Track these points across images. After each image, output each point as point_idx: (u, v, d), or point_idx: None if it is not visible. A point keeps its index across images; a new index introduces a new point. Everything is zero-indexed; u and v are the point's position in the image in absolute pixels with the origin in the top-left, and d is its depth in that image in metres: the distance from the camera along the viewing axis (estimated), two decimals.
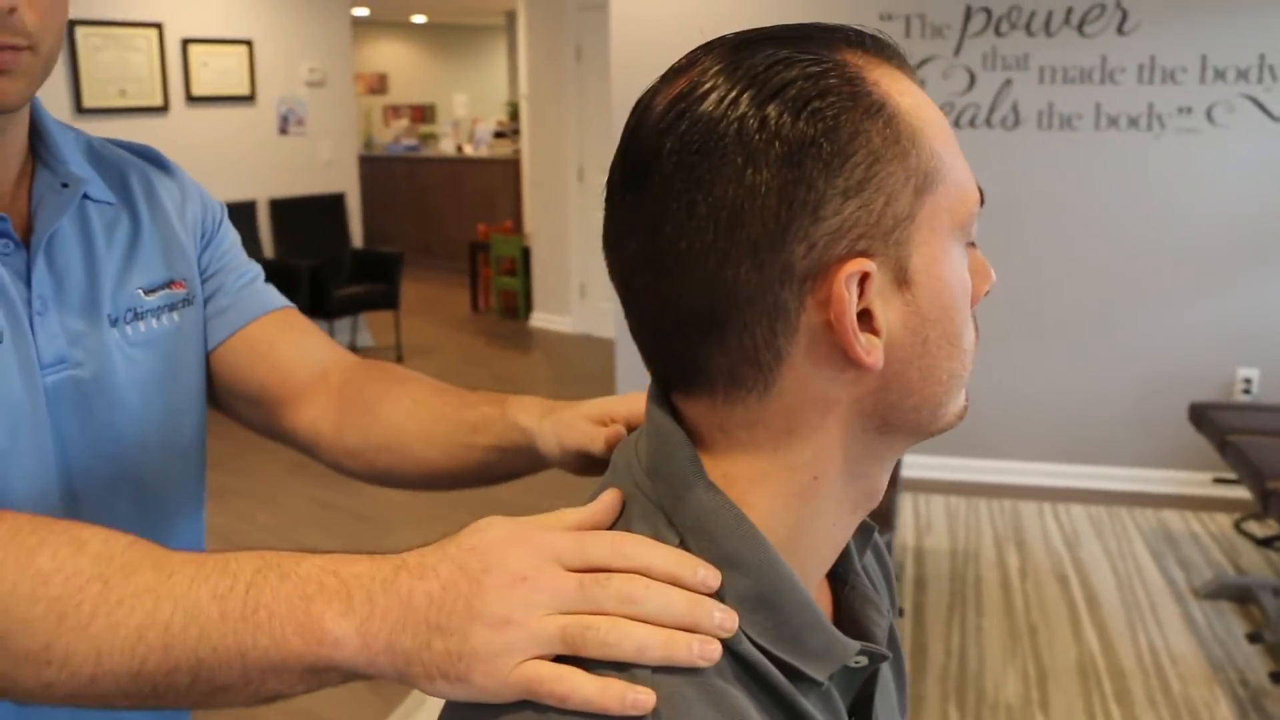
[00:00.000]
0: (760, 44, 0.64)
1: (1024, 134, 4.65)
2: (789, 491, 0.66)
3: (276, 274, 6.50)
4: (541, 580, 0.61)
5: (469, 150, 11.72)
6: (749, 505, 0.66)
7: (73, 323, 1.00)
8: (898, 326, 0.63)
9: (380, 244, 8.27)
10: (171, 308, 1.10)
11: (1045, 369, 4.81)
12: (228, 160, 6.97)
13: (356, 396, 1.11)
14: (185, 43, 6.73)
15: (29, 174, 1.02)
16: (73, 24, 6.21)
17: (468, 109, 14.32)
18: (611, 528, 0.67)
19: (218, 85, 6.90)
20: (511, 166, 10.30)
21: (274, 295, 1.19)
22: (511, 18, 11.39)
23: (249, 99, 7.06)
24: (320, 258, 7.06)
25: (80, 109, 6.33)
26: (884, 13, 4.64)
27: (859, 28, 0.66)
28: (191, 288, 1.13)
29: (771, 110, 0.60)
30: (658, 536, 0.65)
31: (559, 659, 0.60)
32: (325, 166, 7.48)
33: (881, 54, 0.66)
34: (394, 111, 14.64)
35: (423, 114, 14.91)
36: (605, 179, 0.69)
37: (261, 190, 7.17)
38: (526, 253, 8.65)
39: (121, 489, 1.05)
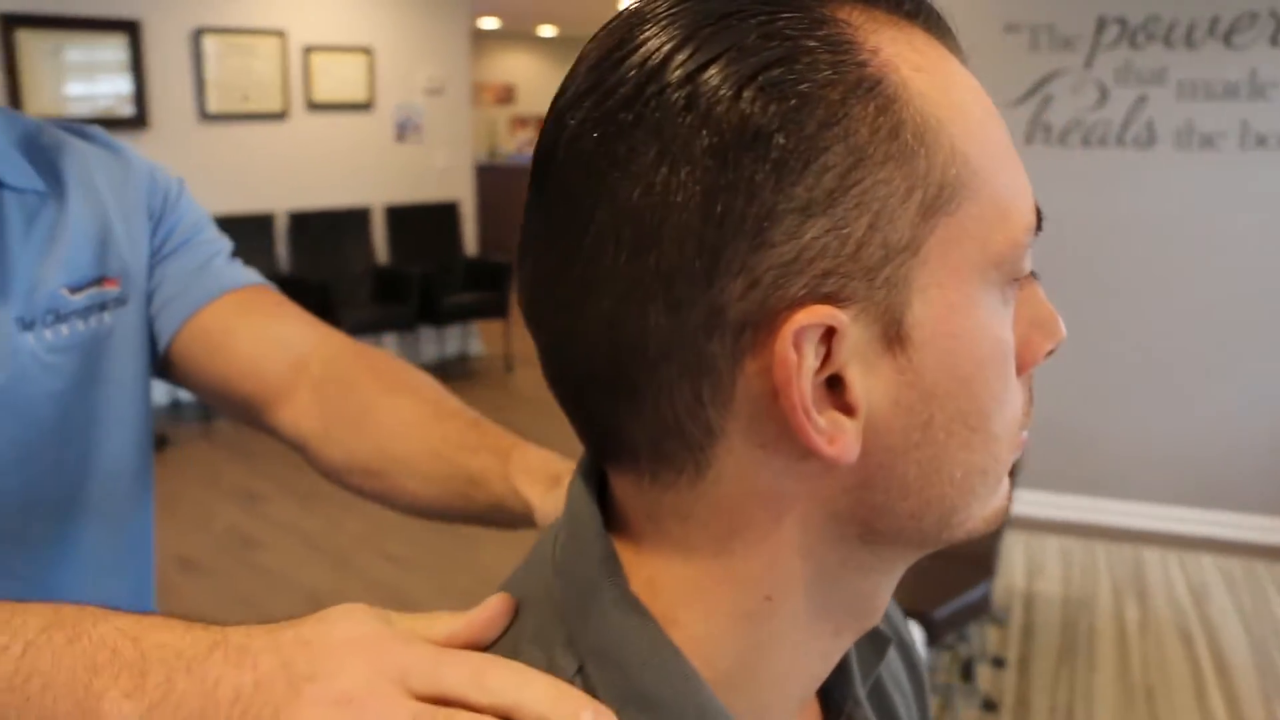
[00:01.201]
0: None
1: (1159, 154, 4.34)
2: (732, 612, 0.48)
3: (388, 280, 6.49)
4: (370, 705, 0.47)
5: None
6: (678, 625, 0.49)
7: None
8: (884, 403, 0.44)
9: (497, 253, 8.23)
10: (101, 307, 0.97)
11: (1176, 406, 4.49)
12: (345, 167, 7.02)
13: (341, 401, 0.97)
14: (307, 50, 6.79)
15: None
16: (199, 31, 6.32)
17: None
18: (496, 645, 0.51)
19: (337, 92, 6.96)
20: None
21: (235, 273, 1.05)
22: None
23: (367, 106, 7.11)
24: (432, 265, 7.05)
25: (204, 114, 6.44)
26: (1009, 23, 4.39)
27: None
28: (127, 285, 0.99)
29: (708, 80, 0.42)
30: (549, 664, 0.49)
31: None
32: (440, 174, 7.49)
33: (904, 11, 0.47)
34: (520, 122, 14.71)
35: None
36: None
37: (377, 197, 7.19)
38: None
39: (36, 511, 0.93)
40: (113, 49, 6.11)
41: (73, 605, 0.56)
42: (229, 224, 6.01)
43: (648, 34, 0.44)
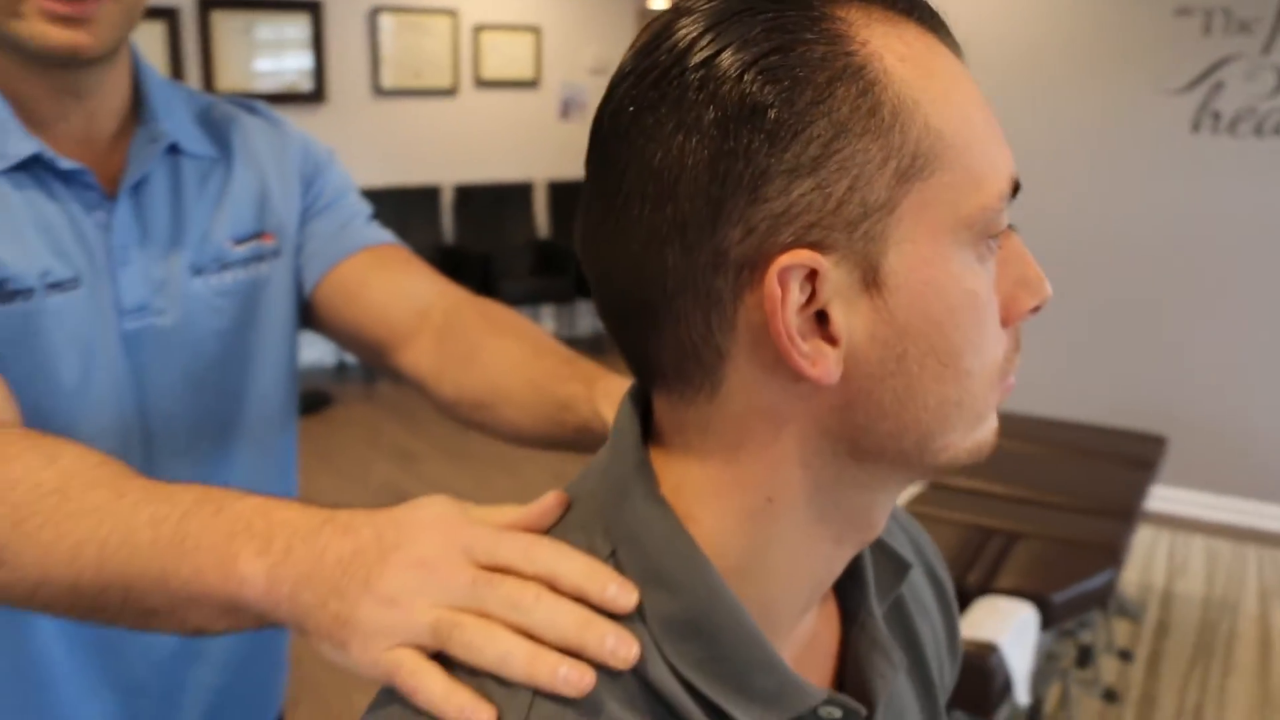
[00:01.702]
0: None
1: None
2: (740, 511, 0.57)
3: (548, 253, 6.65)
4: (440, 568, 0.57)
5: None
6: (695, 520, 0.57)
7: (156, 271, 1.05)
8: (863, 336, 0.53)
9: None
10: (259, 259, 1.12)
11: None
12: (509, 142, 7.23)
13: (455, 344, 1.10)
14: (477, 29, 7.01)
15: (130, 130, 1.06)
16: (375, 10, 6.59)
17: None
18: (550, 532, 0.61)
19: (505, 70, 7.16)
20: None
21: (372, 232, 1.19)
22: None
23: (533, 84, 7.29)
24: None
25: (378, 90, 6.71)
26: (1181, 7, 4.26)
27: None
28: (282, 240, 1.15)
29: (720, 65, 0.51)
30: (590, 546, 0.58)
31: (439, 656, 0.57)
32: None
33: (899, 8, 0.55)
34: None
35: None
36: None
37: (540, 173, 7.39)
38: None
39: (203, 433, 1.10)
40: (296, 27, 6.43)
41: (217, 487, 0.68)
42: (398, 196, 6.24)
43: (681, 25, 0.54)
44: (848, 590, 0.67)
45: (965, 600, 2.50)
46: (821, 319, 0.53)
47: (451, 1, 6.91)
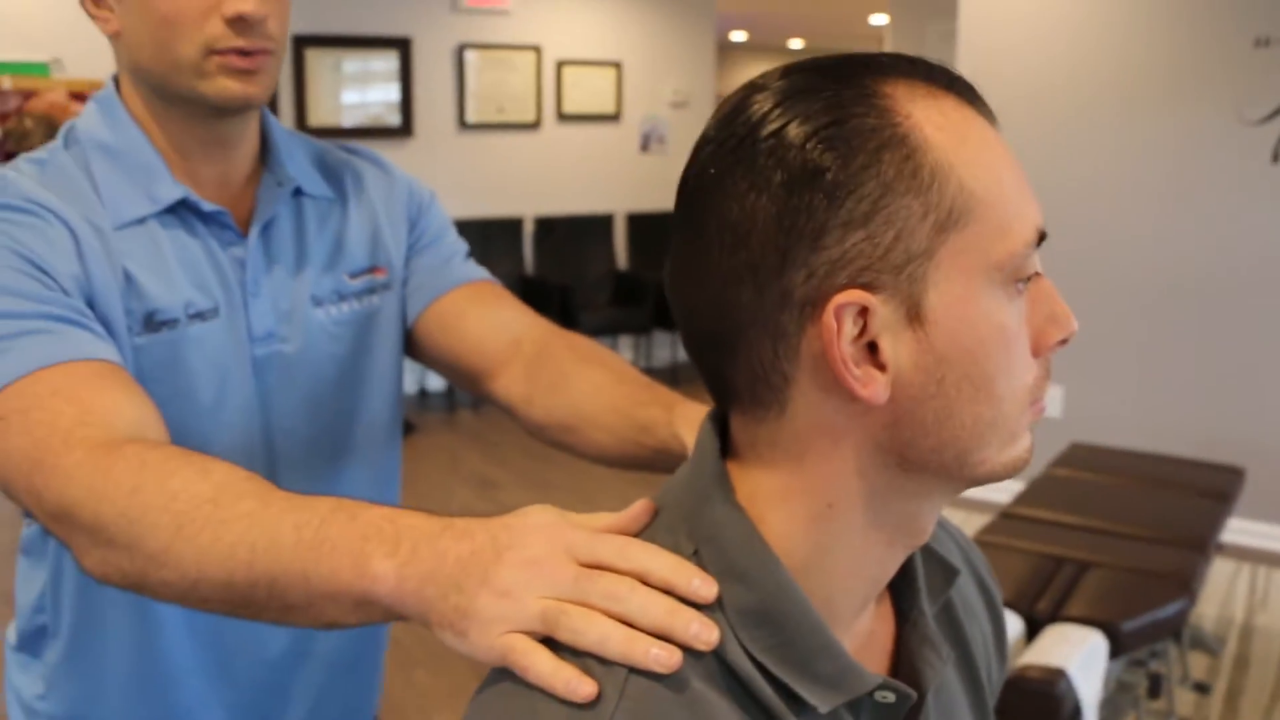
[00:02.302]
0: (815, 71, 0.64)
1: None
2: (805, 515, 0.66)
3: (627, 285, 6.76)
4: (547, 566, 0.66)
5: None
6: (766, 523, 0.67)
7: (283, 302, 1.17)
8: (908, 364, 0.62)
9: None
10: (372, 291, 1.24)
11: None
12: (591, 175, 7.37)
13: (545, 370, 1.19)
14: (560, 64, 7.18)
15: (257, 177, 1.18)
16: (462, 46, 6.78)
17: None
18: (640, 535, 0.70)
19: (587, 104, 7.32)
20: None
21: (469, 269, 1.29)
22: (883, 45, 11.31)
23: (614, 117, 7.44)
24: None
25: (463, 124, 6.90)
26: (1260, 36, 4.26)
27: (927, 60, 0.65)
28: (391, 274, 1.26)
29: (787, 135, 0.61)
30: (675, 546, 0.67)
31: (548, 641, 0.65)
32: None
33: (940, 84, 0.64)
34: None
35: None
36: None
37: (620, 205, 7.52)
38: None
39: (319, 449, 1.21)
40: (385, 63, 6.64)
41: (348, 499, 0.78)
42: (481, 227, 6.41)
43: (755, 100, 0.64)
44: (901, 591, 0.76)
45: (1035, 628, 2.53)
46: (872, 348, 0.62)
47: (535, 38, 7.09)
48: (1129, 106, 4.60)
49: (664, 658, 0.62)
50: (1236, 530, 4.32)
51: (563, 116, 7.27)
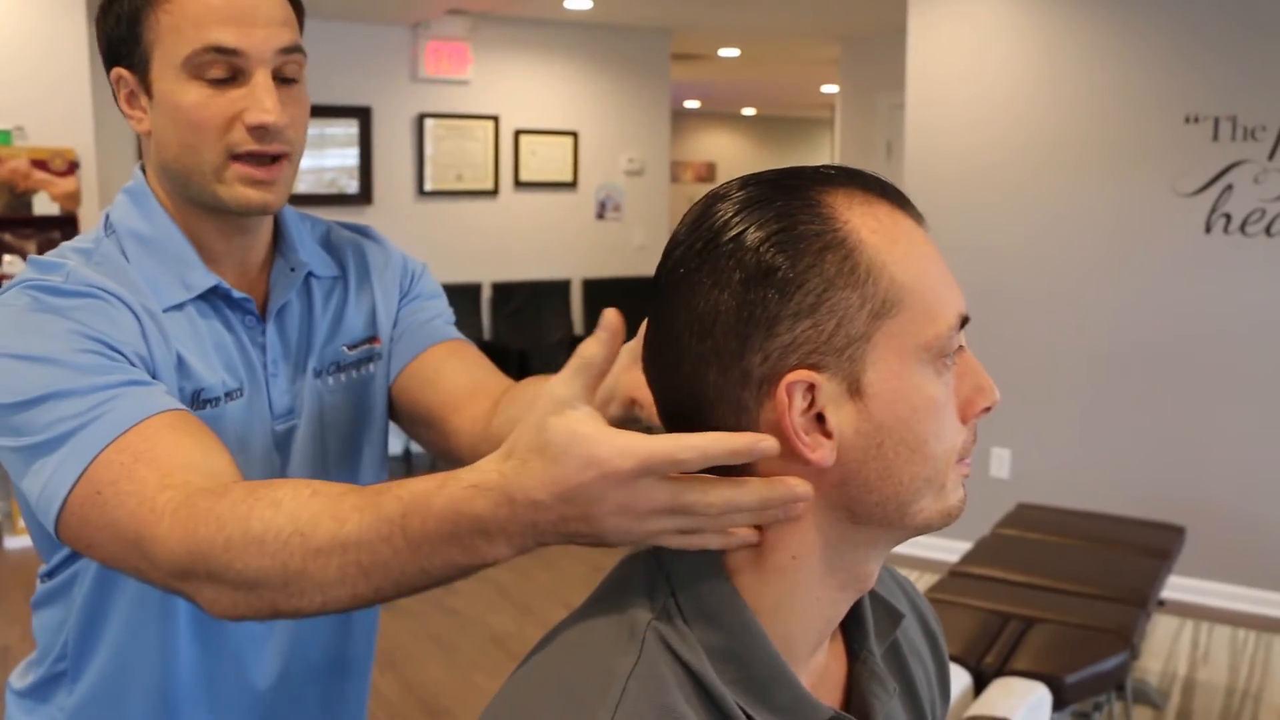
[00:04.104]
0: (769, 184, 0.75)
1: None
2: (770, 566, 0.75)
3: None
4: (640, 503, 0.72)
5: None
6: (737, 572, 0.76)
7: (295, 380, 1.25)
8: (850, 431, 0.71)
9: None
10: (369, 360, 1.32)
11: None
12: (547, 242, 7.48)
13: (513, 400, 1.23)
14: (518, 133, 7.32)
15: (270, 262, 1.26)
16: (422, 117, 6.90)
17: None
18: (613, 595, 0.78)
19: (544, 172, 7.45)
20: None
21: (448, 330, 1.36)
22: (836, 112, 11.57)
23: (571, 185, 7.57)
24: (628, 337, 7.39)
25: (422, 191, 7.00)
26: (1190, 113, 4.46)
27: (864, 172, 0.76)
28: (385, 342, 1.33)
29: (744, 240, 0.71)
30: (652, 589, 0.76)
31: None
32: (638, 251, 7.87)
33: (875, 192, 0.75)
34: None
35: None
36: None
37: (576, 271, 7.63)
38: None
39: None
40: (345, 132, 6.74)
41: (394, 492, 0.80)
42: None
43: (718, 209, 0.74)
44: (852, 632, 0.85)
45: (982, 681, 2.61)
46: (820, 419, 0.71)
47: (493, 107, 7.23)
48: (1069, 178, 4.78)
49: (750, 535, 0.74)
50: (1179, 588, 4.45)
51: (520, 184, 7.39)
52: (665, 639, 0.73)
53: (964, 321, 0.75)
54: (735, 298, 0.71)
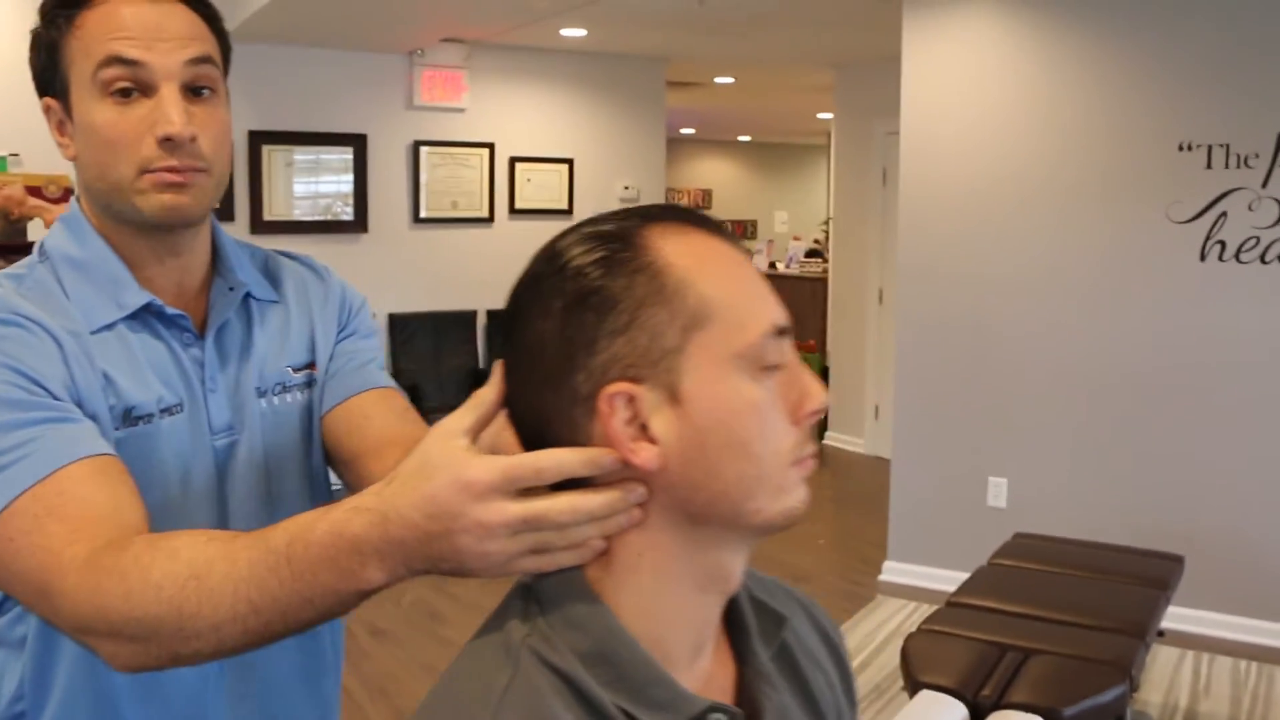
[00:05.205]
0: (600, 221, 0.82)
1: None
2: (623, 569, 0.81)
3: None
4: (494, 526, 0.78)
5: (781, 267, 11.94)
6: (596, 582, 0.81)
7: (235, 397, 1.27)
8: (673, 435, 0.77)
9: None
10: (309, 384, 1.35)
11: None
12: None
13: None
14: (513, 161, 7.32)
15: (209, 281, 1.29)
16: (417, 144, 6.91)
17: (788, 226, 14.61)
18: (496, 614, 0.84)
19: (538, 199, 7.45)
20: (820, 285, 10.39)
21: (382, 377, 1.39)
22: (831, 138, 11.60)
23: (566, 212, 7.57)
24: None
25: (417, 219, 7.00)
26: (1184, 141, 4.46)
27: (683, 207, 0.84)
28: (320, 372, 1.36)
29: (566, 272, 0.78)
30: (525, 611, 0.82)
31: None
32: None
33: (691, 223, 0.82)
34: None
35: (744, 229, 15.33)
36: (897, 304, 0.83)
37: None
38: (826, 371, 8.70)
39: (264, 523, 1.24)
40: (340, 160, 6.75)
41: (282, 526, 0.87)
42: (435, 320, 6.48)
43: (554, 247, 0.81)
44: (737, 639, 0.90)
45: (979, 714, 2.58)
46: (644, 427, 0.77)
47: (488, 135, 7.24)
48: (1063, 205, 4.78)
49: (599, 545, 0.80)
50: (1179, 618, 4.41)
51: (515, 212, 7.39)
52: (538, 652, 0.78)
53: (781, 331, 0.80)
54: (558, 323, 0.77)
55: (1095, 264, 4.74)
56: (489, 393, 0.82)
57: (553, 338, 0.78)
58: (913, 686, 2.80)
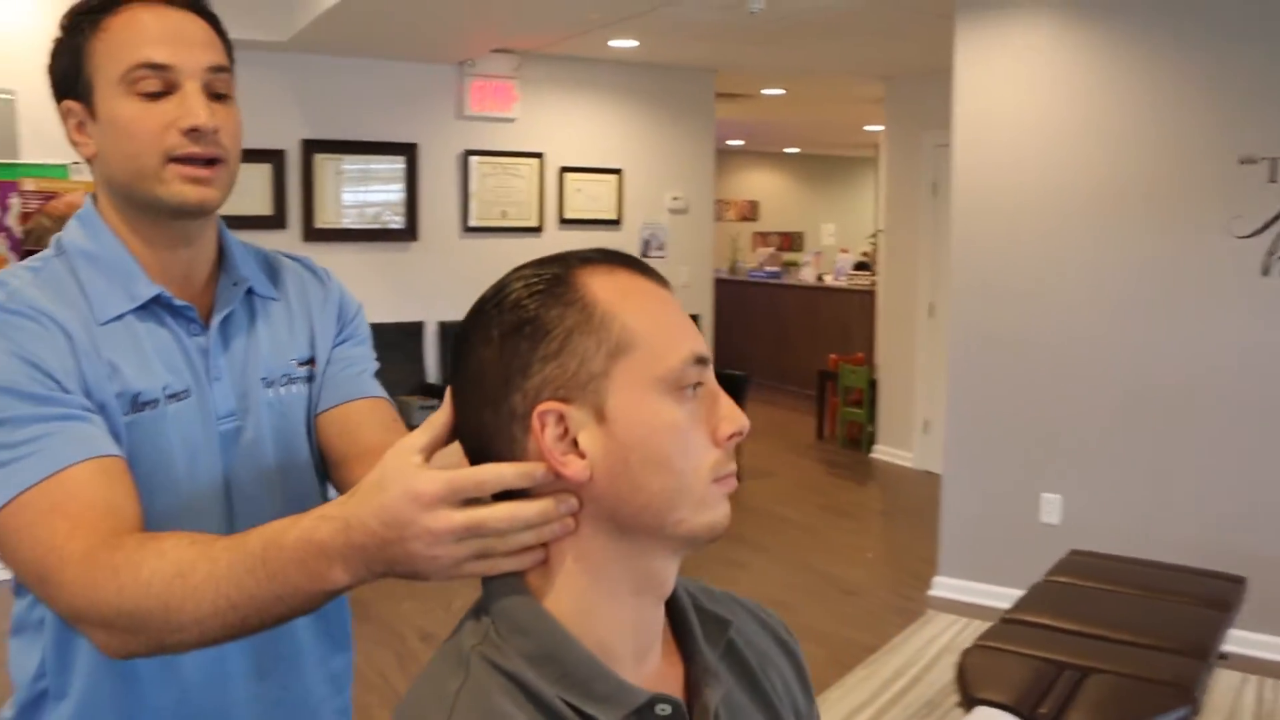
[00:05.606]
0: (542, 264, 0.90)
1: None
2: (559, 574, 0.89)
3: None
4: (440, 533, 0.88)
5: (829, 280, 11.88)
6: (537, 590, 0.89)
7: (239, 385, 1.35)
8: (600, 450, 0.86)
9: (732, 365, 8.50)
10: (309, 379, 1.42)
11: None
12: None
13: None
14: (563, 171, 7.34)
15: (215, 277, 1.37)
16: (467, 154, 6.93)
17: (835, 238, 14.54)
18: (455, 629, 0.93)
19: (588, 209, 7.47)
20: (868, 298, 10.34)
21: (375, 387, 1.48)
22: (880, 151, 11.53)
23: (615, 223, 7.58)
24: None
25: (467, 228, 7.03)
26: (1246, 155, 4.38)
27: (616, 251, 0.92)
28: (319, 366, 1.43)
29: (504, 305, 0.88)
30: (478, 622, 0.90)
31: None
32: (681, 289, 7.86)
33: (618, 264, 0.91)
34: (762, 238, 15.09)
35: (791, 241, 15.28)
36: (950, 317, 0.84)
37: None
38: (874, 385, 8.64)
39: (265, 505, 1.35)
40: (391, 169, 6.79)
41: (258, 531, 0.98)
42: None
43: (501, 282, 0.90)
44: (684, 642, 0.97)
45: None
46: (575, 443, 0.85)
47: (538, 145, 7.26)
48: (1120, 218, 4.71)
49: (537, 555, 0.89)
50: (1241, 641, 4.32)
51: (564, 221, 7.41)
52: (488, 657, 0.86)
53: (700, 360, 0.88)
54: (496, 350, 0.87)
55: (1153, 278, 4.66)
56: (441, 416, 0.91)
57: (492, 363, 0.87)
58: (969, 702, 2.75)
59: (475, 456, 0.90)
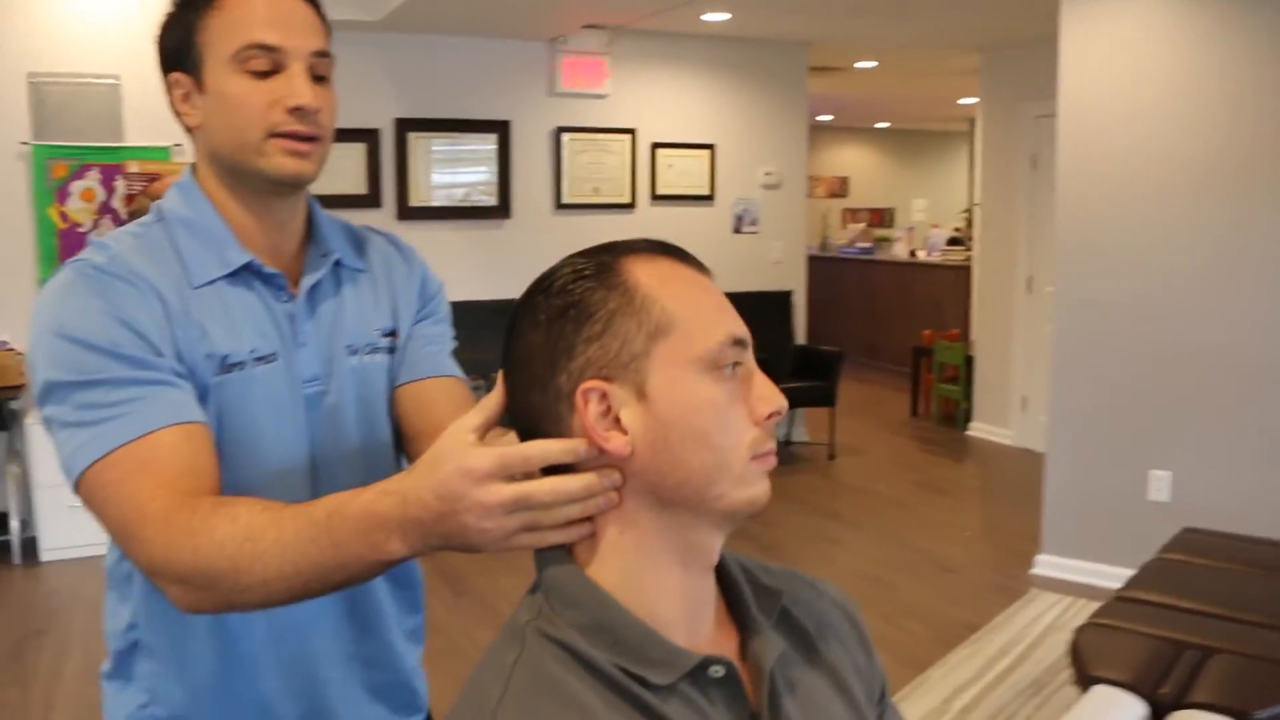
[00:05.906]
0: (589, 253, 0.95)
1: None
2: (608, 545, 0.93)
3: None
4: (492, 507, 0.93)
5: (921, 255, 11.71)
6: (585, 564, 0.94)
7: (325, 351, 1.40)
8: (641, 427, 0.90)
9: (824, 342, 8.42)
10: (391, 350, 1.47)
11: None
12: None
13: None
14: (654, 147, 7.32)
15: (305, 248, 1.43)
16: (559, 130, 6.94)
17: (926, 214, 14.32)
18: (514, 611, 0.97)
19: (680, 185, 7.43)
20: (963, 273, 10.18)
21: (453, 365, 1.52)
22: (974, 124, 11.31)
23: (708, 198, 7.54)
24: (763, 352, 7.30)
25: (559, 205, 7.04)
26: None
27: (658, 240, 0.97)
28: (401, 338, 1.49)
29: (551, 290, 0.93)
30: (532, 600, 0.95)
31: None
32: (774, 265, 7.80)
33: (658, 252, 0.96)
34: (852, 214, 14.92)
35: (881, 217, 15.09)
36: (1054, 290, 0.83)
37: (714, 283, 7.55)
38: (970, 361, 8.50)
39: (346, 468, 1.42)
40: (483, 146, 6.82)
41: (324, 502, 1.05)
42: None
43: (547, 272, 0.95)
44: (737, 613, 1.01)
45: (1160, 712, 2.46)
46: (617, 420, 0.90)
47: (630, 121, 7.24)
48: (1232, 187, 4.56)
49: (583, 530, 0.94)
50: None
51: (657, 198, 7.38)
52: (542, 630, 0.91)
53: (738, 342, 0.92)
54: (543, 334, 0.92)
55: (1268, 249, 4.51)
56: (493, 397, 0.97)
57: (539, 346, 0.92)
58: (1084, 681, 2.69)
59: (525, 436, 0.95)
